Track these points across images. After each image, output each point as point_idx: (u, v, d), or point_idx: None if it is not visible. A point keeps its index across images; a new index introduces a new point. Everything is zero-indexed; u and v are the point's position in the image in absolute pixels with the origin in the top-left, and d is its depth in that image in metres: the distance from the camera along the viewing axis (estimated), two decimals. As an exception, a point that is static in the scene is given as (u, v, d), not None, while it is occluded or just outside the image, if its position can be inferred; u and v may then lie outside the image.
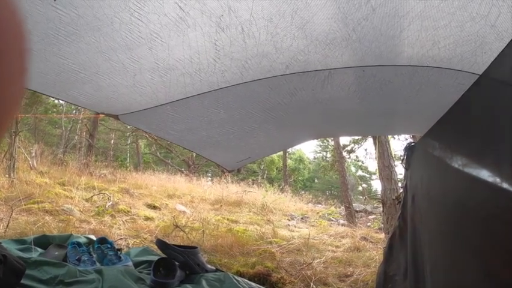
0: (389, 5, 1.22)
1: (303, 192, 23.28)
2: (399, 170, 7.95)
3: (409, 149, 2.66)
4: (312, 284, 4.82)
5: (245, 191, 14.03)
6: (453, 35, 1.32)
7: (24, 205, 6.46)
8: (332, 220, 12.13)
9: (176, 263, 2.35)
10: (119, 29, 1.30)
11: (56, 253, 2.40)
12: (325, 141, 28.85)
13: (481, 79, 1.45)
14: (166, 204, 9.84)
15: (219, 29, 1.37)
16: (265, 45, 1.50)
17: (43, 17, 1.16)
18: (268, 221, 9.87)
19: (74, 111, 20.53)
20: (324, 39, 1.47)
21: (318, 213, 13.48)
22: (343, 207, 13.08)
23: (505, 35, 1.21)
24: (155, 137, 15.49)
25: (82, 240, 2.72)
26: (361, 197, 21.17)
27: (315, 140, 28.04)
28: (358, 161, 22.85)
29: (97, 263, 2.38)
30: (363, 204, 15.81)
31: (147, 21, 1.27)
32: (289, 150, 28.94)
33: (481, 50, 1.35)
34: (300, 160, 33.80)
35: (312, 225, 10.69)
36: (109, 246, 2.55)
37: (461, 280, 1.58)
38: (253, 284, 2.46)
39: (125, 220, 7.19)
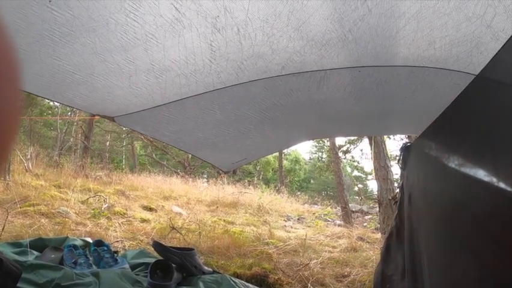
0: (385, 6, 1.22)
1: (299, 193, 23.33)
2: (395, 170, 7.98)
3: (405, 149, 2.66)
4: (309, 284, 4.82)
5: (241, 192, 14.02)
6: (449, 35, 1.32)
7: (20, 208, 6.42)
8: (328, 220, 12.15)
9: (173, 265, 2.34)
10: (115, 30, 1.29)
11: (53, 256, 2.39)
12: (321, 141, 28.88)
13: (477, 79, 1.45)
14: (162, 206, 9.82)
15: (214, 30, 1.37)
16: (261, 46, 1.50)
17: (38, 18, 1.15)
18: (265, 222, 9.87)
19: (70, 113, 20.48)
20: (320, 40, 1.47)
21: (314, 213, 13.50)
22: (339, 208, 13.11)
23: (501, 35, 1.21)
24: (151, 139, 15.48)
25: (78, 243, 2.71)
26: (357, 197, 21.21)
27: (311, 141, 28.07)
28: (354, 161, 22.93)
29: (94, 266, 2.37)
30: (359, 205, 15.86)
31: (143, 22, 1.26)
32: (285, 151, 28.97)
33: (477, 50, 1.35)
34: (296, 161, 33.83)
35: (309, 226, 10.70)
36: (106, 248, 2.54)
37: (459, 279, 1.58)
38: (250, 285, 2.45)
39: (121, 222, 7.16)
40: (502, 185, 1.17)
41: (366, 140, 12.44)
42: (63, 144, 19.83)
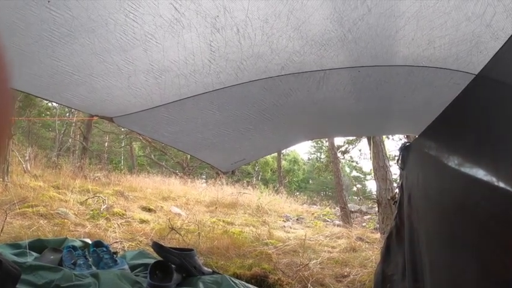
0: (384, 5, 1.22)
1: (297, 193, 23.35)
2: (394, 170, 7.99)
3: (404, 149, 2.66)
4: (309, 285, 4.82)
5: (240, 192, 14.02)
6: (448, 34, 1.32)
7: (19, 209, 6.41)
8: (327, 221, 12.15)
9: (173, 266, 2.34)
10: (114, 31, 1.29)
11: (52, 257, 2.38)
12: (319, 142, 28.92)
13: (477, 79, 1.45)
14: (161, 207, 9.81)
15: (214, 30, 1.36)
16: (261, 46, 1.50)
17: (37, 19, 1.15)
18: (264, 222, 9.86)
19: (68, 113, 20.46)
20: (319, 40, 1.46)
21: (313, 214, 13.51)
22: (338, 208, 13.12)
23: (500, 34, 1.21)
24: (150, 139, 15.46)
25: (77, 243, 2.71)
26: (356, 197, 21.23)
27: (310, 141, 28.08)
28: (352, 161, 22.90)
29: (93, 267, 2.37)
30: (358, 205, 15.87)
31: (142, 22, 1.26)
32: (284, 151, 28.98)
33: (477, 49, 1.35)
34: (295, 161, 33.82)
35: (308, 226, 10.70)
36: (105, 249, 2.54)
37: (459, 279, 1.58)
38: (250, 286, 2.45)
39: (121, 223, 7.15)
40: (502, 184, 1.17)
41: (364, 140, 12.43)
42: (61, 145, 19.82)
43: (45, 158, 13.64)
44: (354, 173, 29.12)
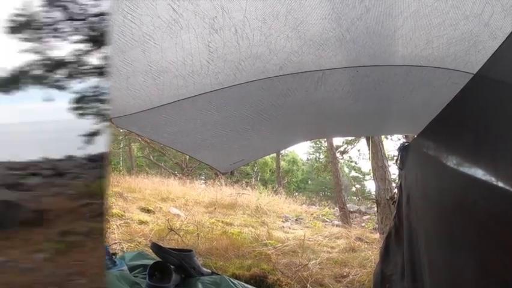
0: (382, 5, 1.22)
1: (296, 193, 23.28)
2: (393, 170, 7.99)
3: (403, 149, 2.66)
4: (308, 285, 4.82)
5: (239, 193, 13.98)
6: (446, 34, 1.32)
7: (17, 210, 6.38)
8: (327, 221, 12.15)
9: (172, 267, 2.33)
10: (112, 31, 1.28)
11: (50, 259, 2.38)
12: (318, 142, 28.86)
13: (475, 78, 1.45)
14: (160, 208, 9.79)
15: (212, 31, 1.36)
16: (259, 46, 1.50)
17: (34, 20, 1.14)
18: (263, 223, 9.84)
19: (66, 115, 20.38)
20: (317, 40, 1.46)
21: (312, 214, 13.49)
22: (337, 208, 13.10)
23: (498, 33, 1.21)
24: (148, 140, 15.42)
25: (76, 245, 2.70)
26: (355, 197, 21.21)
27: (308, 142, 28.06)
28: (351, 161, 22.88)
29: (92, 268, 2.36)
30: (357, 205, 15.86)
31: (140, 23, 1.26)
32: (283, 151, 28.93)
33: (475, 48, 1.35)
34: (294, 162, 33.74)
35: (307, 227, 10.69)
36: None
37: (458, 279, 1.58)
38: (249, 286, 2.44)
39: (119, 224, 7.14)
40: (501, 184, 1.17)
41: (363, 140, 12.42)
42: (60, 146, 19.74)
43: (44, 160, 13.58)
44: (353, 173, 29.05)
